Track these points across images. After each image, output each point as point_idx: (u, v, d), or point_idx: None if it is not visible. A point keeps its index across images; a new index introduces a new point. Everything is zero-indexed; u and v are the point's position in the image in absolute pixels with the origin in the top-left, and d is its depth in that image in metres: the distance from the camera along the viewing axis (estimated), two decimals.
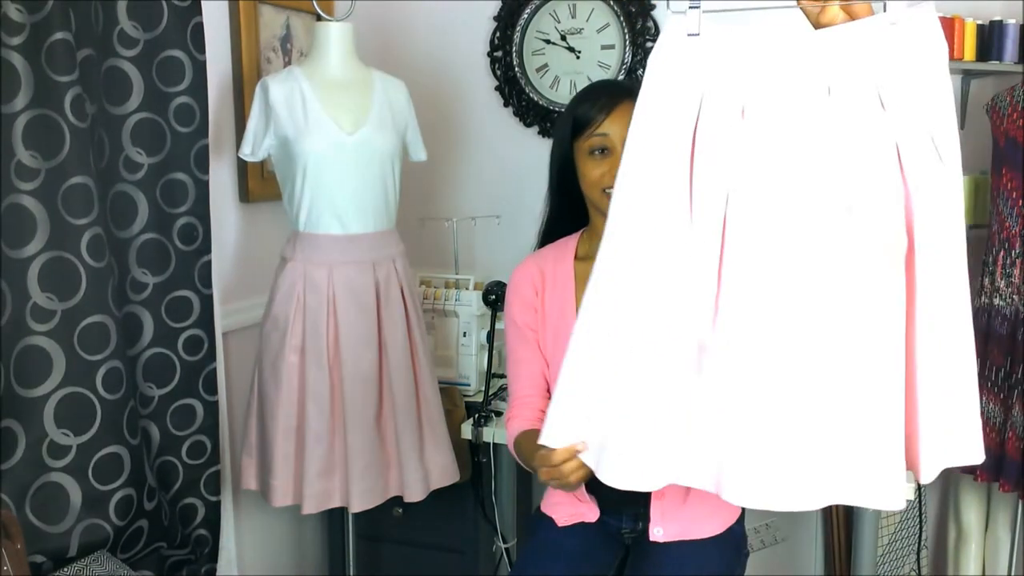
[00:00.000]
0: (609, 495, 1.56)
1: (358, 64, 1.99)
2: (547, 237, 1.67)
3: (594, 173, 1.49)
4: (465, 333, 2.31)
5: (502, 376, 2.26)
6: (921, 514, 2.45)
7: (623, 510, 1.61)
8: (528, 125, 2.61)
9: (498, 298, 2.09)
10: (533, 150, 2.57)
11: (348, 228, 1.91)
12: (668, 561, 1.52)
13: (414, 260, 2.17)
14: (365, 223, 1.93)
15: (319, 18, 1.98)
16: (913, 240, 1.08)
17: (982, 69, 2.27)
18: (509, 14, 2.57)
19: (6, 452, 1.50)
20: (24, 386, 1.52)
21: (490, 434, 2.08)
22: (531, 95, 2.58)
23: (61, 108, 1.51)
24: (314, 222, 1.90)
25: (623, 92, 1.49)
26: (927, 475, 1.13)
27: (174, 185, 1.82)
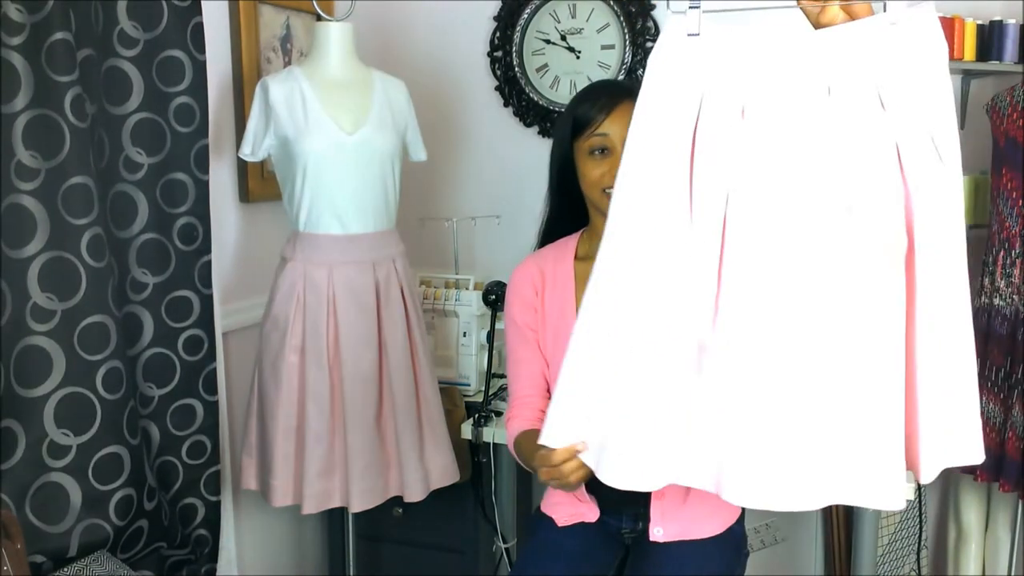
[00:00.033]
0: (609, 495, 1.56)
1: (358, 64, 1.99)
2: (547, 237, 1.67)
3: (594, 173, 1.49)
4: (465, 333, 2.31)
5: (502, 376, 2.26)
6: (921, 514, 2.45)
7: (623, 510, 1.61)
8: (528, 125, 2.61)
9: (498, 298, 2.09)
10: (533, 150, 2.57)
11: (348, 228, 1.91)
12: (668, 561, 1.52)
13: (414, 260, 2.17)
14: (365, 223, 1.93)
15: (319, 18, 1.98)
16: (913, 240, 1.08)
17: (982, 69, 2.27)
18: (509, 14, 2.57)
19: (6, 452, 1.50)
20: (24, 386, 1.52)
21: (490, 434, 2.08)
22: (531, 95, 2.58)
23: (61, 108, 1.51)
24: (314, 222, 1.90)
25: (623, 92, 1.49)
26: (927, 475, 1.13)
27: (174, 185, 1.82)
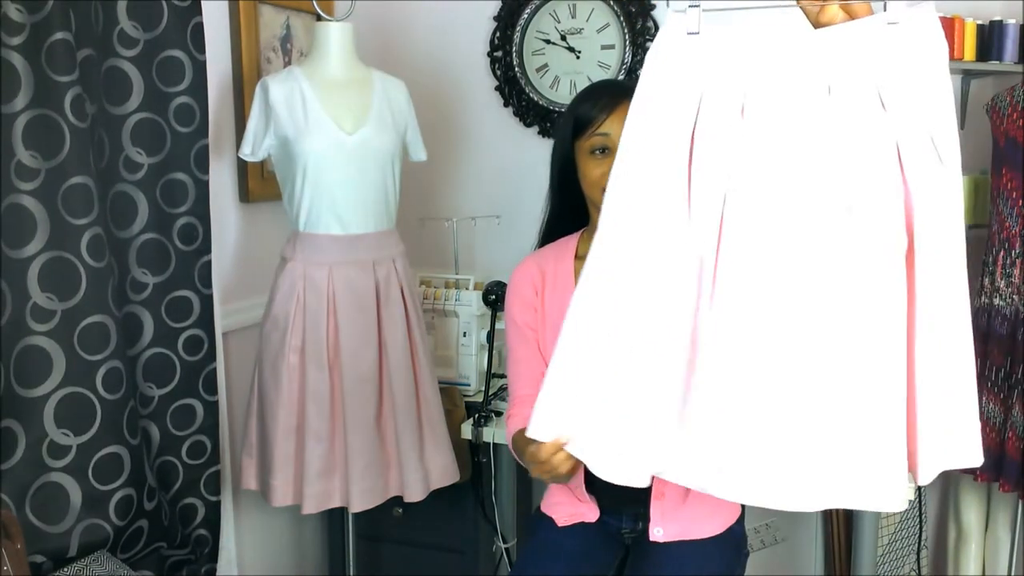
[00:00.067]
0: (609, 495, 1.57)
1: (358, 64, 1.99)
2: (547, 237, 1.67)
3: (595, 172, 1.49)
4: (465, 333, 2.31)
5: (502, 376, 2.26)
6: (921, 514, 2.45)
7: (623, 510, 1.61)
8: (528, 125, 2.61)
9: (498, 298, 2.09)
10: (533, 150, 2.57)
11: (348, 228, 1.91)
12: (668, 561, 1.52)
13: (414, 260, 2.17)
14: (365, 223, 1.93)
15: (319, 18, 1.98)
16: (913, 240, 1.08)
17: (982, 69, 2.27)
18: (509, 14, 2.57)
19: (6, 452, 1.50)
20: (24, 386, 1.52)
21: (490, 434, 2.09)
22: (531, 95, 2.58)
23: (61, 108, 1.51)
24: (314, 222, 1.90)
25: (624, 92, 1.48)
26: (925, 476, 1.12)
27: (174, 185, 1.82)
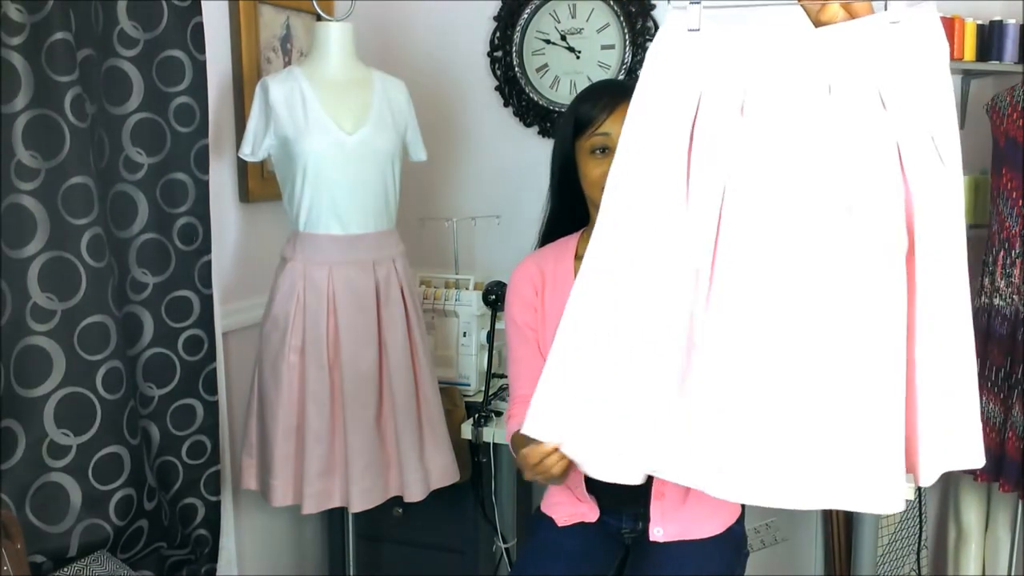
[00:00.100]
0: (609, 495, 1.57)
1: (358, 64, 1.98)
2: (548, 237, 1.67)
3: (595, 172, 1.49)
4: (465, 333, 2.31)
5: (502, 376, 2.26)
6: (921, 514, 2.45)
7: (623, 510, 1.61)
8: (528, 125, 2.61)
9: (498, 298, 2.09)
10: (533, 150, 2.57)
11: (348, 228, 1.91)
12: (668, 561, 1.52)
13: (414, 260, 2.17)
14: (365, 223, 1.93)
15: (319, 18, 1.98)
16: (913, 240, 1.08)
17: (982, 69, 2.27)
18: (509, 14, 2.57)
19: (6, 452, 1.50)
20: (24, 386, 1.52)
21: (490, 434, 2.09)
22: (531, 95, 2.58)
23: (61, 108, 1.51)
24: (314, 222, 1.90)
25: (625, 92, 1.48)
26: (927, 478, 1.12)
27: (174, 185, 1.82)
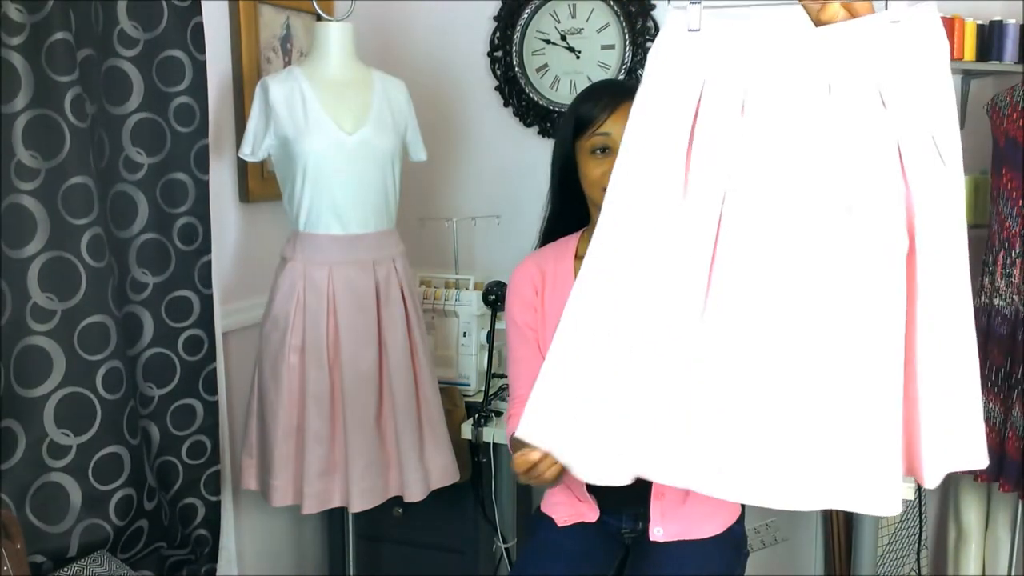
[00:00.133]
0: (609, 495, 1.57)
1: (358, 64, 1.98)
2: (548, 236, 1.67)
3: (595, 172, 1.49)
4: (465, 333, 2.31)
5: (502, 376, 2.26)
6: (921, 514, 2.45)
7: (623, 510, 1.61)
8: (528, 125, 2.61)
9: (498, 298, 2.08)
10: (533, 150, 2.57)
11: (348, 228, 1.91)
12: (668, 561, 1.52)
13: (414, 260, 2.17)
14: (365, 223, 1.93)
15: (319, 18, 1.98)
16: (914, 240, 1.08)
17: (982, 69, 2.27)
18: (509, 14, 2.57)
19: (6, 452, 1.50)
20: (24, 386, 1.52)
21: (490, 434, 2.09)
22: (531, 95, 2.58)
23: (61, 108, 1.51)
24: (314, 222, 1.90)
25: (625, 92, 1.49)
26: (931, 480, 1.11)
27: (174, 185, 1.82)
